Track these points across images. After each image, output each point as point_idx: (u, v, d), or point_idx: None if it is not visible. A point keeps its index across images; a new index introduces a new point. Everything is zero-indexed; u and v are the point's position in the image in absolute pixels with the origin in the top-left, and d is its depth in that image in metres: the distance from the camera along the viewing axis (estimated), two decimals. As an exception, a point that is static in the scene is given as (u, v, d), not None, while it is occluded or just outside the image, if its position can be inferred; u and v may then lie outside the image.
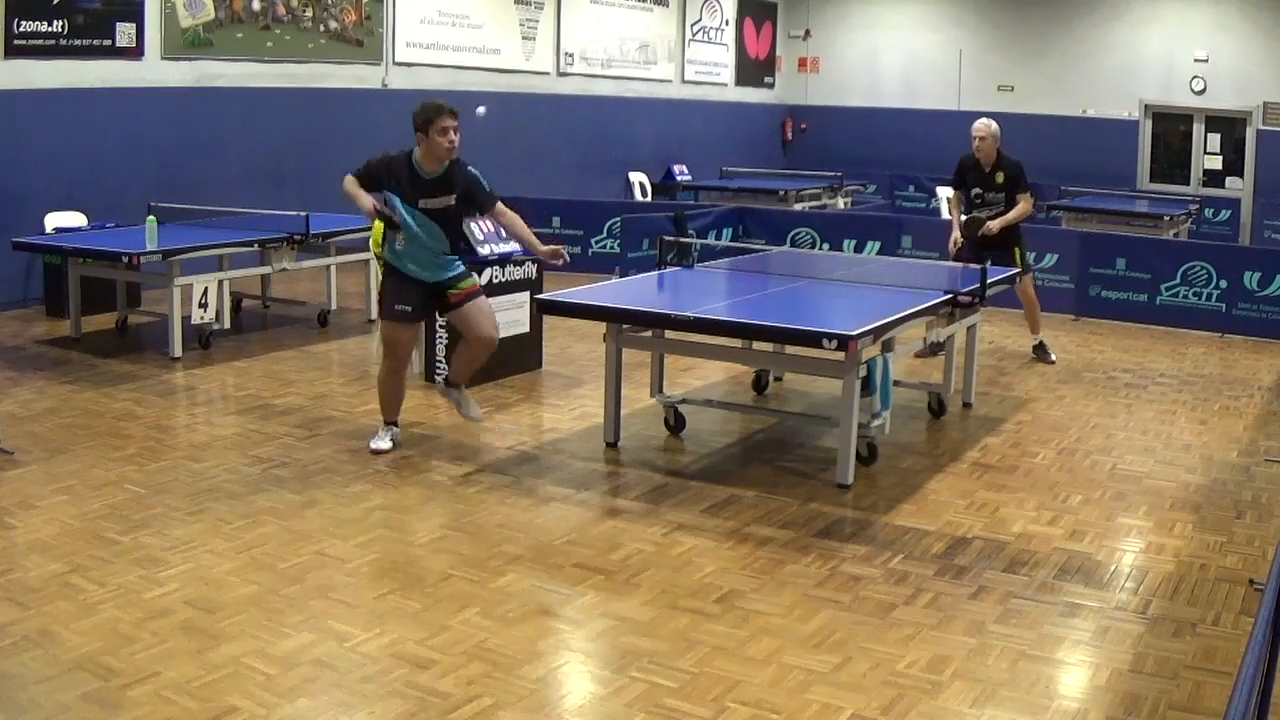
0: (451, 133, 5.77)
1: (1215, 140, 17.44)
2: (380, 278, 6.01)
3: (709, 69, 18.40)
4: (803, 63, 20.02)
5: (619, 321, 6.19)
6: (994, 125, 8.24)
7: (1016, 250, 8.30)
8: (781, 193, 15.29)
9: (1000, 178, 8.24)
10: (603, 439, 6.37)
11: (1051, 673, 3.96)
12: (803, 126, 20.01)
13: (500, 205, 6.04)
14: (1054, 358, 8.81)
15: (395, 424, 6.24)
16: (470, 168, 5.98)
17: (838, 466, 5.80)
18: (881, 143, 18.87)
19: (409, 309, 6.00)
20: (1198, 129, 17.52)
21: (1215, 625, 4.33)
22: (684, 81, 17.85)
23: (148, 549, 4.75)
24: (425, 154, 5.85)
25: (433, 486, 5.68)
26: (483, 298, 6.22)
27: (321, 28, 12.00)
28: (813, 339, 5.50)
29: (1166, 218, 13.30)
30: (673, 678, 3.83)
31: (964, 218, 8.43)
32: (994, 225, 8.17)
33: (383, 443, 6.14)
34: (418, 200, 5.88)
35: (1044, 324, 8.93)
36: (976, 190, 8.29)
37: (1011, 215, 8.21)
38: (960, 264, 8.03)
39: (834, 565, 4.80)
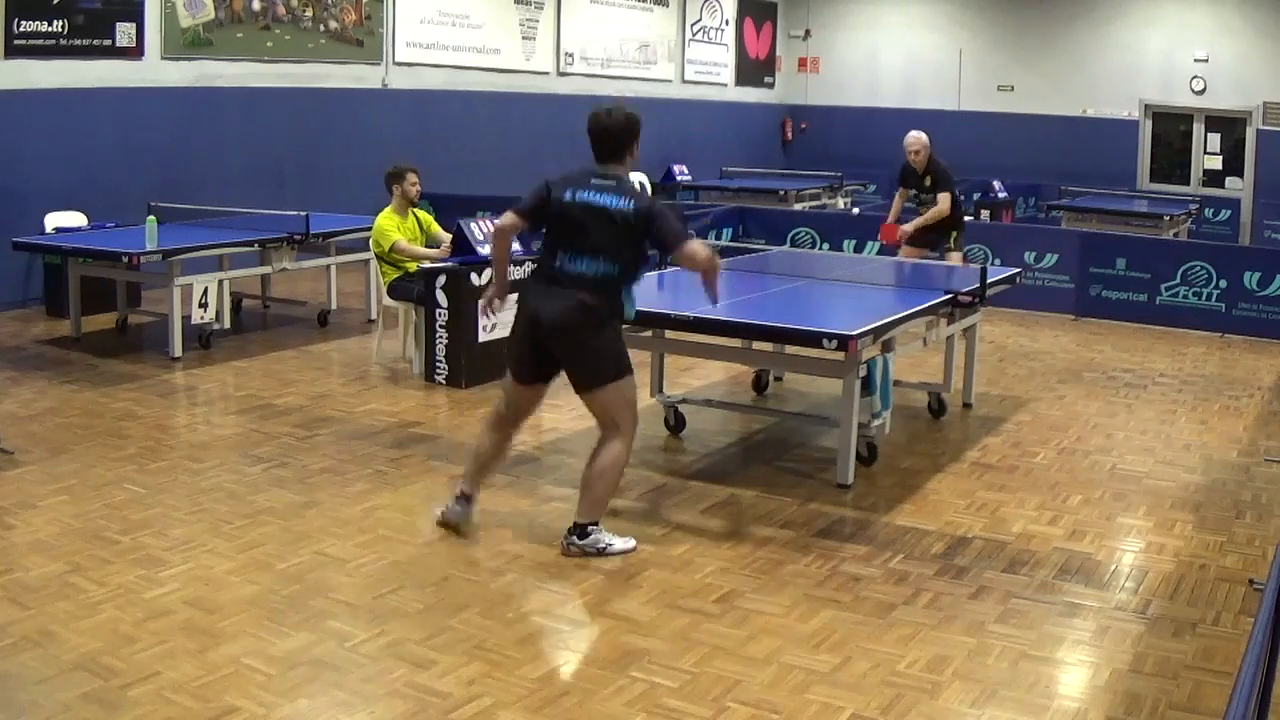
0: None
1: (1215, 140, 17.44)
2: (611, 333, 4.84)
3: (709, 69, 18.40)
4: (803, 63, 20.02)
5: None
6: (924, 137, 9.16)
7: (954, 234, 9.14)
8: (781, 193, 15.30)
9: (928, 181, 9.13)
10: (603, 439, 6.36)
11: (1051, 673, 3.96)
12: (803, 126, 20.01)
13: None
14: None
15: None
16: None
17: (838, 466, 5.80)
18: (881, 143, 18.75)
19: None
20: (1198, 129, 17.52)
21: (1215, 625, 4.33)
22: (684, 81, 17.85)
23: (148, 549, 4.75)
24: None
25: (433, 486, 5.68)
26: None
27: (321, 28, 12.00)
28: (813, 339, 5.50)
29: (1166, 218, 13.32)
30: (673, 678, 3.83)
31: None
32: (908, 229, 9.18)
33: (628, 541, 4.92)
34: None
35: (1044, 324, 8.96)
36: (914, 192, 9.33)
37: (927, 216, 9.08)
38: (905, 253, 9.20)
39: (834, 565, 4.80)
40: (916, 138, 9.13)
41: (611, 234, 4.73)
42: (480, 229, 7.66)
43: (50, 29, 9.57)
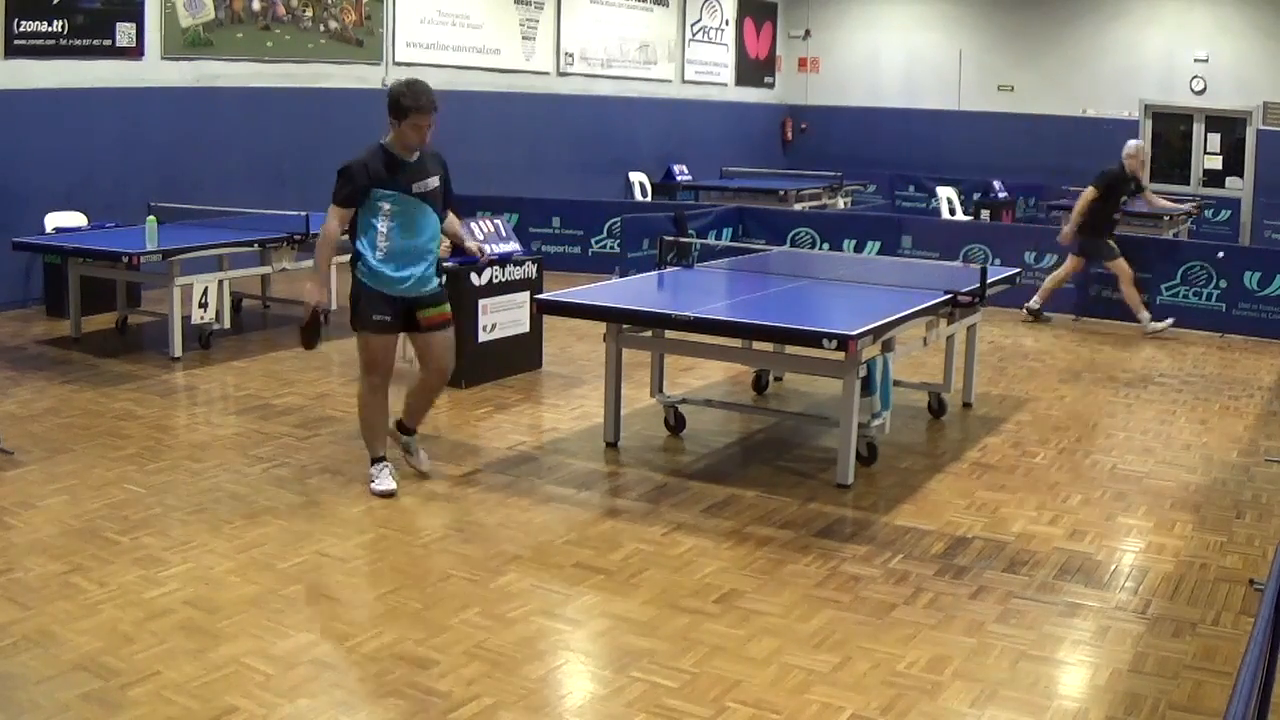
0: (425, 129, 5.38)
1: (1215, 140, 17.44)
2: (352, 290, 5.51)
3: (709, 69, 18.40)
4: (803, 63, 20.01)
5: (619, 321, 6.19)
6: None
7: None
8: (781, 193, 15.29)
9: (1134, 185, 10.24)
10: (603, 439, 6.37)
11: (1051, 673, 3.96)
12: (803, 126, 20.01)
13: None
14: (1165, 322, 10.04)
15: (385, 457, 5.60)
16: (438, 153, 5.63)
17: (838, 466, 5.80)
18: (881, 143, 18.85)
19: (387, 318, 5.45)
20: (1198, 129, 17.51)
21: (1215, 625, 4.33)
22: (684, 81, 17.85)
23: (148, 549, 4.75)
24: (397, 141, 5.39)
25: (433, 486, 5.68)
26: (451, 329, 5.74)
27: (321, 28, 12.00)
28: (813, 339, 5.50)
29: (1166, 218, 13.29)
30: (673, 678, 3.83)
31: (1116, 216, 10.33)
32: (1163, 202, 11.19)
33: (386, 482, 5.50)
34: (410, 186, 5.39)
35: (1045, 324, 8.98)
36: (1125, 199, 10.26)
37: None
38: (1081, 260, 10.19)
39: (834, 565, 4.80)
40: (1142, 146, 10.28)
41: None
42: (480, 229, 7.65)
43: (50, 29, 9.57)
